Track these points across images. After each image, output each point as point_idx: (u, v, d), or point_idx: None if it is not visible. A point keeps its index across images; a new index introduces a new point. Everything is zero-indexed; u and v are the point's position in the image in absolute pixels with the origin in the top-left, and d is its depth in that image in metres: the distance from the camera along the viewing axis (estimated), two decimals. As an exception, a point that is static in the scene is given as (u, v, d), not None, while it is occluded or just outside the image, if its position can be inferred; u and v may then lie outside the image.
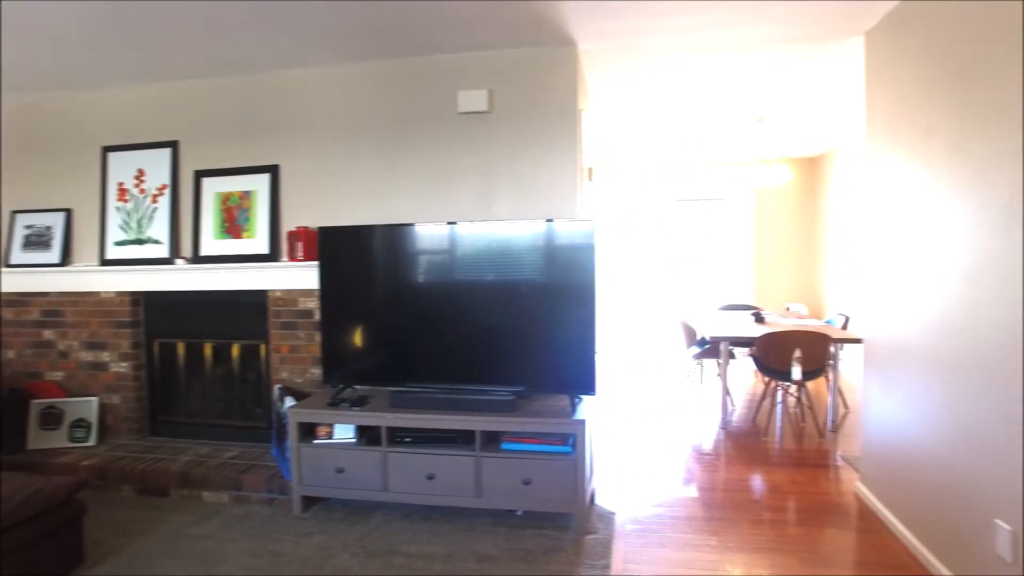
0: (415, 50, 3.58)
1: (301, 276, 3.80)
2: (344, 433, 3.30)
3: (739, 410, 5.48)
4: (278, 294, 3.87)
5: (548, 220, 3.18)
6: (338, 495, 3.28)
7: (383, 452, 3.20)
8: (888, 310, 3.13)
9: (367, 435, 3.30)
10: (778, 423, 5.04)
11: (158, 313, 4.20)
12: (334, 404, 3.33)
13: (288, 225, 3.89)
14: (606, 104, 4.94)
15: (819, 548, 2.95)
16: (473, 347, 3.28)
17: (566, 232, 3.15)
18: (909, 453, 2.91)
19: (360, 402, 3.34)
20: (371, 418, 3.21)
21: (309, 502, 3.39)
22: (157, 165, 4.07)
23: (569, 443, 3.05)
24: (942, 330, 2.60)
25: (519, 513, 3.26)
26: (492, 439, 3.22)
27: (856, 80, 4.29)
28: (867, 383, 3.43)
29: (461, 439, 3.18)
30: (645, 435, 4.78)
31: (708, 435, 4.76)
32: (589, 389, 3.13)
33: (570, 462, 3.01)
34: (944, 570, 2.59)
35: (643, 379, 6.85)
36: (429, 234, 3.34)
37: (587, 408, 3.22)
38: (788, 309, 7.82)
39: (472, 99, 3.61)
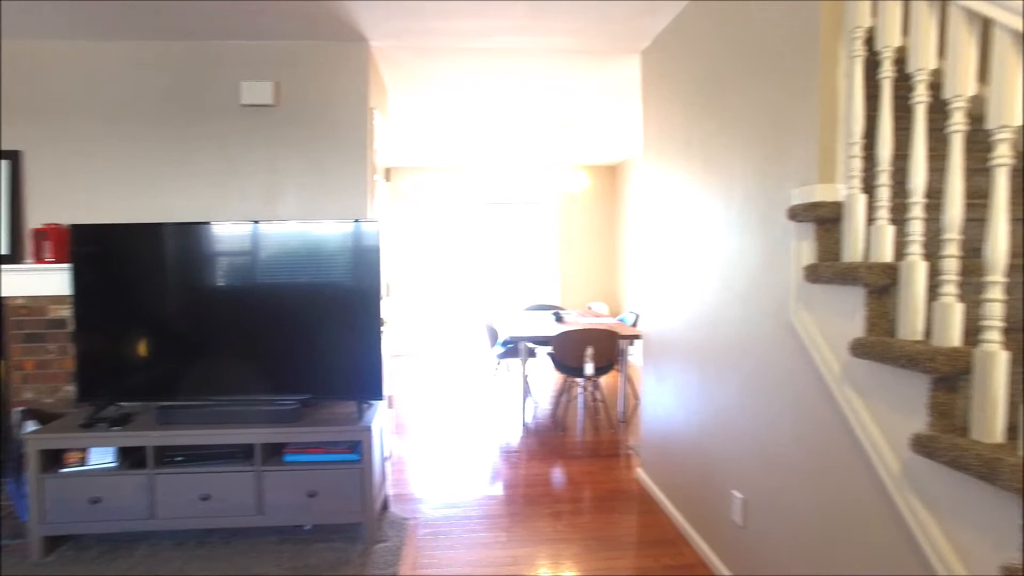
0: (196, 34, 3.28)
1: (51, 280, 3.30)
2: (102, 458, 2.92)
3: (542, 407, 5.71)
4: (20, 302, 3.33)
5: (333, 221, 3.06)
6: (94, 529, 2.88)
7: (149, 475, 2.87)
8: (660, 306, 3.42)
9: (131, 458, 2.94)
10: (579, 417, 5.32)
11: None
12: (89, 425, 2.92)
13: (34, 222, 3.37)
14: (409, 104, 4.91)
15: (601, 533, 3.14)
16: (253, 355, 3.06)
17: (351, 233, 3.05)
18: (675, 438, 3.20)
19: (122, 421, 2.97)
20: (134, 438, 2.86)
21: (53, 543, 2.94)
22: None
23: (356, 451, 2.95)
24: (699, 323, 2.88)
25: (307, 528, 3.10)
26: (275, 451, 3.02)
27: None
28: (645, 376, 3.73)
29: (241, 454, 2.95)
30: (450, 436, 4.81)
31: (512, 433, 4.90)
32: (376, 394, 3.06)
33: (357, 470, 2.92)
34: (699, 539, 2.88)
35: (450, 380, 6.90)
36: (203, 233, 3.06)
37: (376, 413, 3.14)
38: (590, 308, 8.33)
39: (256, 91, 3.38)
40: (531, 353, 5.88)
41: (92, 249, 3.04)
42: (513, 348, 5.70)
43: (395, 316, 8.56)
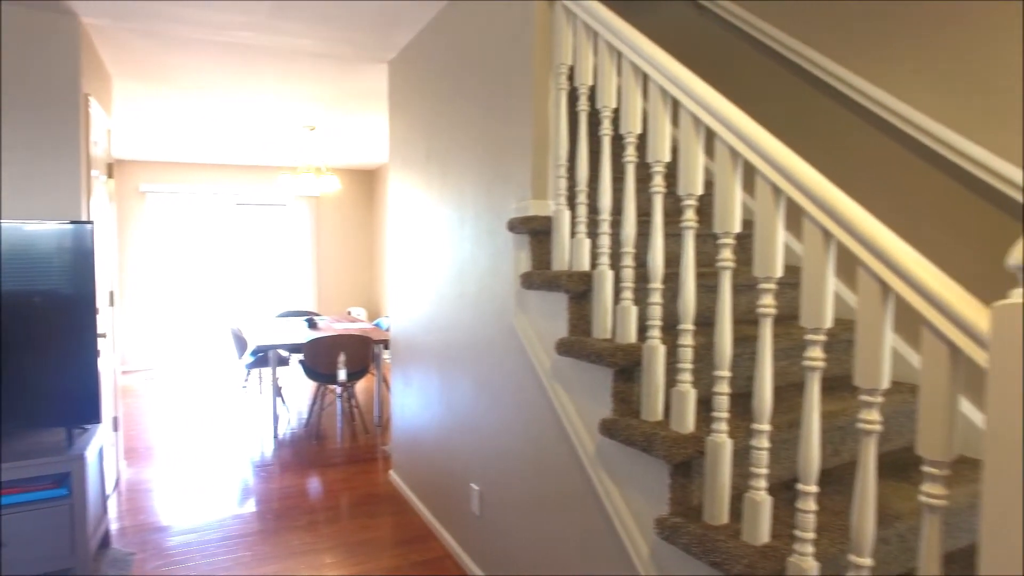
0: None
1: None
2: None
3: (297, 416, 5.50)
4: None
5: (38, 221, 2.64)
6: None
7: None
8: (405, 311, 3.51)
9: None
10: (338, 424, 5.22)
11: None
12: None
13: None
14: (143, 95, 4.41)
15: (354, 539, 3.13)
16: (-86, 382, 2.51)
17: (61, 235, 2.66)
18: (422, 438, 3.32)
19: None
20: None
21: None
22: None
23: (65, 484, 2.59)
24: (438, 326, 3.03)
25: (-3, 582, 2.63)
26: (-50, 497, 2.52)
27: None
28: (394, 379, 3.80)
29: None
30: (196, 455, 4.41)
31: (264, 446, 4.65)
32: (92, 416, 2.71)
33: (66, 507, 2.56)
34: (445, 533, 3.03)
35: (196, 395, 6.33)
36: None
37: (94, 439, 2.78)
38: (349, 313, 8.22)
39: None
40: (283, 362, 5.63)
41: None
42: (263, 357, 5.40)
43: (127, 328, 7.58)
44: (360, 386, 6.58)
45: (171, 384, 6.92)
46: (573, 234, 2.00)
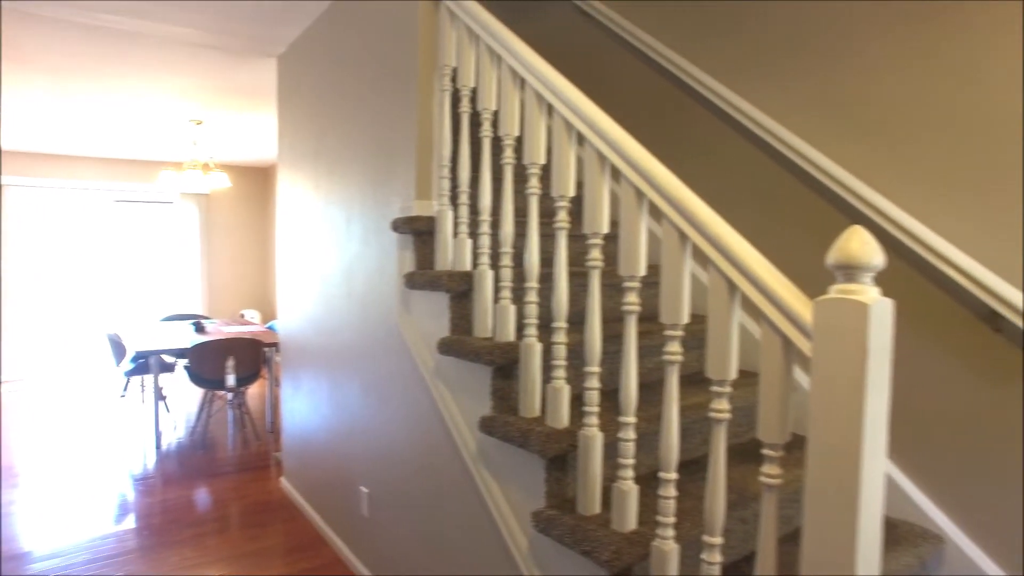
0: None
1: None
2: None
3: (185, 424, 5.21)
4: None
5: None
6: None
7: None
8: (295, 312, 3.41)
9: None
10: (229, 432, 4.98)
11: None
12: None
13: None
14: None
15: (242, 550, 3.01)
16: None
17: None
18: (313, 442, 3.23)
19: None
20: None
21: None
22: None
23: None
24: (328, 328, 2.96)
25: None
26: None
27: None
28: (284, 383, 3.68)
29: None
30: (70, 473, 4.08)
31: (146, 458, 4.37)
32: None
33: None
34: (336, 538, 2.96)
35: (71, 406, 5.86)
36: None
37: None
38: (243, 316, 7.89)
39: None
40: (168, 368, 5.32)
41: None
42: (144, 364, 5.09)
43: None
44: (253, 391, 6.32)
45: (41, 396, 6.37)
46: (455, 234, 2.01)
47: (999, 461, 1.72)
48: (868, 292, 1.00)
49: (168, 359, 5.28)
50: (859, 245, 1.01)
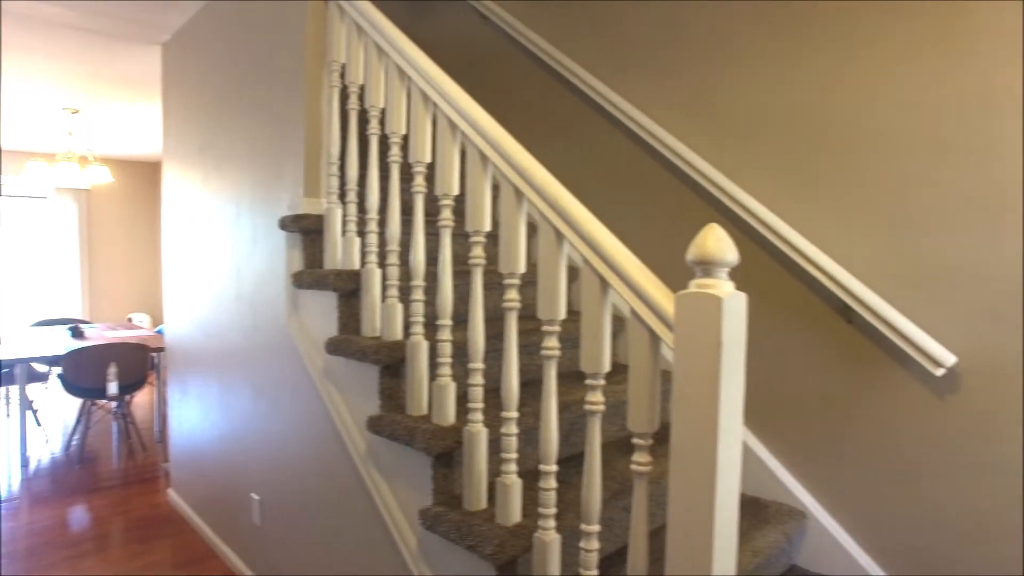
0: None
1: None
2: None
3: (61, 438, 4.83)
4: None
5: None
6: None
7: None
8: (184, 314, 3.24)
9: None
10: (114, 443, 4.66)
11: None
12: None
13: None
14: None
15: (121, 569, 2.82)
16: None
17: None
18: (202, 451, 3.09)
19: None
20: None
21: None
22: None
23: None
24: (216, 331, 2.84)
25: None
26: None
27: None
28: (171, 389, 3.49)
29: None
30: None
31: (12, 478, 4.02)
32: None
33: None
34: (227, 550, 2.84)
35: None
36: None
37: None
38: (130, 320, 7.42)
39: None
40: (40, 377, 4.92)
41: None
42: (9, 373, 4.68)
43: None
44: (141, 399, 5.95)
45: None
46: (344, 232, 1.98)
47: (852, 442, 1.88)
48: (723, 286, 1.07)
49: (40, 368, 4.88)
50: (715, 242, 1.08)
